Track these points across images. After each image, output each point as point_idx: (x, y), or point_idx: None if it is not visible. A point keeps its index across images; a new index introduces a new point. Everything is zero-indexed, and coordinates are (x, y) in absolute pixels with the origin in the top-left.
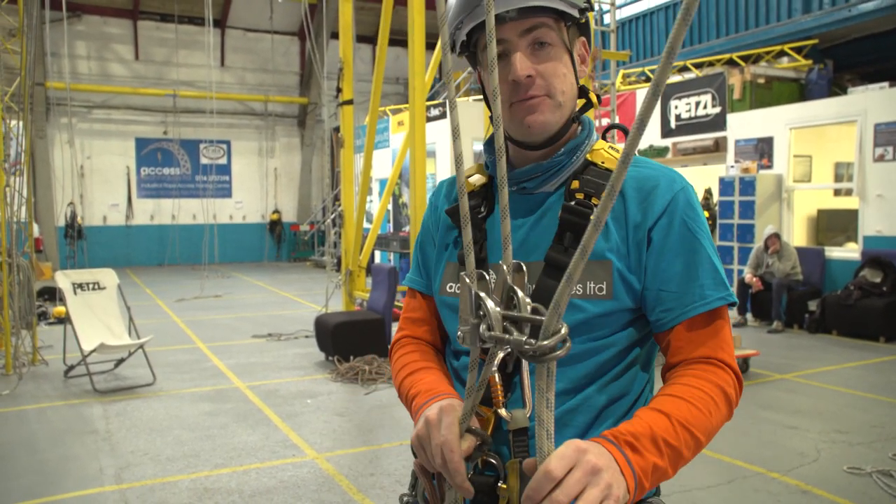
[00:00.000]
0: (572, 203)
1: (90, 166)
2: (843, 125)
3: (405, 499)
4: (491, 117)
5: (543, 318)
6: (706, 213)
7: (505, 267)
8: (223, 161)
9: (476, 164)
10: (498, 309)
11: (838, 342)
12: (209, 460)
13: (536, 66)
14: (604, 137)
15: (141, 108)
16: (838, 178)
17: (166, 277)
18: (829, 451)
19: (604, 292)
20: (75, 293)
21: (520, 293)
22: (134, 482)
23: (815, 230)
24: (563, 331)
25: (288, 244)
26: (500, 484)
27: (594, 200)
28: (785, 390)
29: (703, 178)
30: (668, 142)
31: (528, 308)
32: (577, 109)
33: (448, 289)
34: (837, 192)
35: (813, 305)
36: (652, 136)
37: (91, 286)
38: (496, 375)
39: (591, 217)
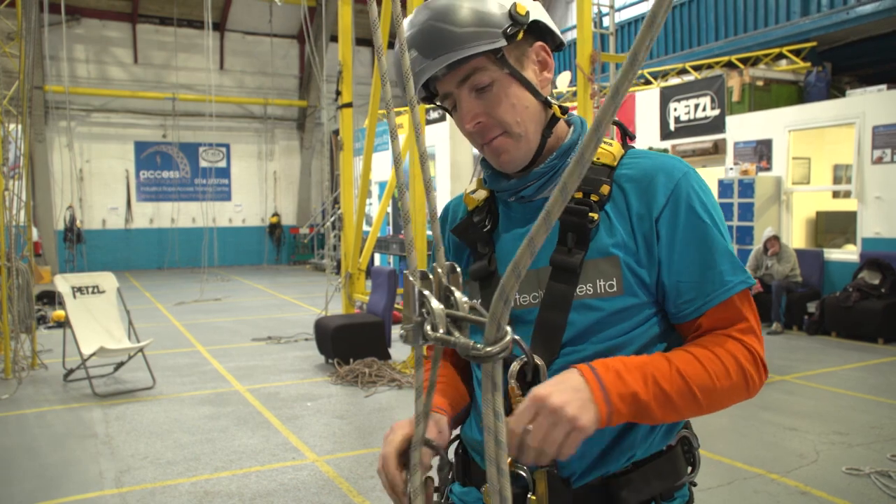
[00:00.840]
0: (571, 203)
1: (89, 170)
2: (841, 127)
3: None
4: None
5: (484, 319)
6: None
7: (439, 269)
8: (222, 164)
9: (477, 180)
10: (441, 307)
11: (837, 344)
12: (209, 464)
13: (483, 108)
14: None
15: (140, 111)
16: (837, 181)
17: (166, 281)
18: (829, 453)
19: (615, 289)
20: (74, 297)
21: (456, 293)
22: (134, 486)
23: (813, 232)
24: (509, 337)
25: (287, 247)
26: (529, 496)
27: (593, 197)
28: (784, 392)
29: None
30: (667, 144)
31: (466, 307)
32: (548, 120)
33: None
34: (836, 195)
35: (812, 307)
36: (651, 138)
37: (90, 290)
38: (515, 385)
39: (559, 184)
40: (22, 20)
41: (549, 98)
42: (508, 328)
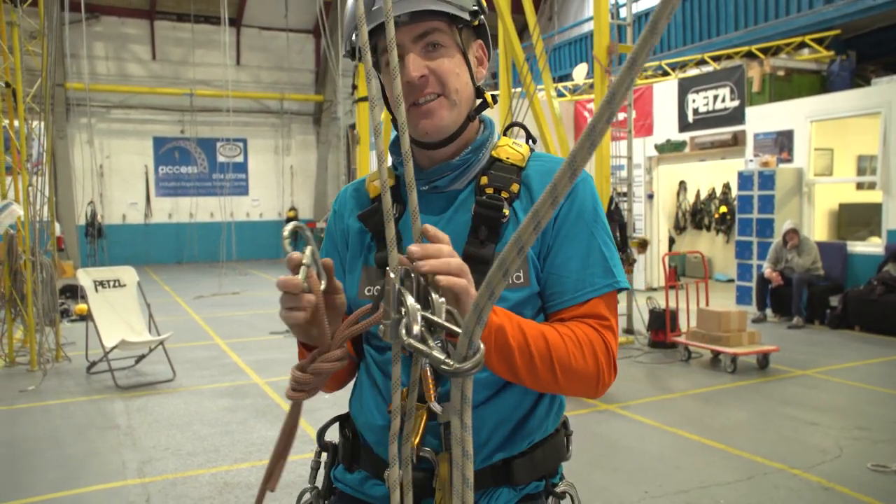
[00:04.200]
0: (484, 198)
1: (109, 165)
2: (866, 117)
3: (305, 496)
4: (394, 121)
5: (459, 330)
6: (724, 208)
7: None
8: (240, 159)
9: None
10: (418, 306)
11: (860, 338)
12: (229, 455)
13: (429, 64)
14: (505, 134)
15: (158, 107)
16: (861, 172)
17: (184, 275)
18: (852, 448)
19: (521, 280)
20: (96, 291)
21: (434, 295)
22: (156, 476)
23: (836, 224)
24: (481, 353)
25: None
26: (435, 475)
27: (503, 194)
28: (806, 386)
29: (721, 173)
30: (686, 136)
31: (444, 310)
32: (473, 109)
33: (367, 292)
34: (860, 186)
35: (834, 301)
36: (669, 130)
37: (112, 284)
38: (428, 369)
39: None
40: (44, 19)
41: (481, 87)
42: (482, 344)
